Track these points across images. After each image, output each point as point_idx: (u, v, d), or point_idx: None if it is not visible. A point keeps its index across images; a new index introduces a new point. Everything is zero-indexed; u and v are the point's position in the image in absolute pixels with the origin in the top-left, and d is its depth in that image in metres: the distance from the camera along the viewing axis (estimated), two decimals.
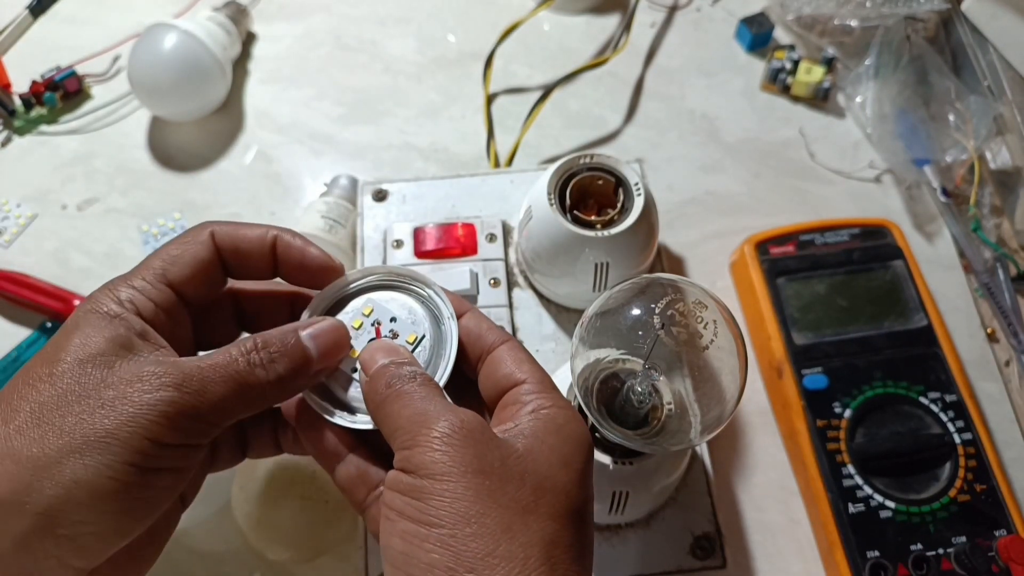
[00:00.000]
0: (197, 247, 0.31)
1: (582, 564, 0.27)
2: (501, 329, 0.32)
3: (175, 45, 0.61)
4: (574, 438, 0.29)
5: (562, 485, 0.27)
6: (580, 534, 0.27)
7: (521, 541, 0.25)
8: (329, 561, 0.48)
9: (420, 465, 0.26)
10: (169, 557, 0.49)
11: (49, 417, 0.25)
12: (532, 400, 0.29)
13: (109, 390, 0.26)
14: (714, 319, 0.35)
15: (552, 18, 0.72)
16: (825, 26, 0.67)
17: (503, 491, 0.26)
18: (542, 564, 0.25)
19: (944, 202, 0.59)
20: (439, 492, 0.26)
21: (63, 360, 0.26)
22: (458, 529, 0.25)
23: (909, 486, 0.47)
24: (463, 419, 0.27)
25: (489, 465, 0.26)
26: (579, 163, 0.47)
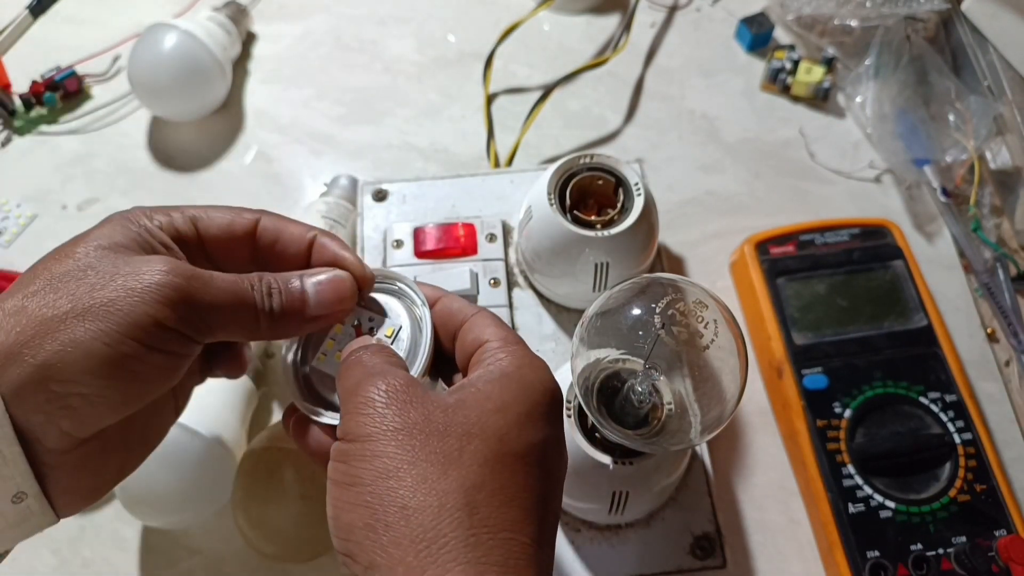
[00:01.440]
0: (239, 219, 0.32)
1: (520, 509, 0.26)
2: (473, 305, 0.33)
3: (175, 45, 0.61)
4: (520, 383, 0.28)
5: (494, 430, 0.27)
6: (519, 479, 0.26)
7: (437, 490, 0.25)
8: (329, 561, 0.48)
9: (349, 430, 0.27)
10: (169, 557, 0.49)
11: (62, 285, 0.27)
12: (489, 356, 0.30)
13: (122, 268, 0.28)
14: (714, 319, 0.35)
15: (552, 18, 0.72)
16: (825, 26, 0.67)
17: (425, 445, 0.26)
18: (459, 510, 0.25)
19: (944, 202, 0.59)
20: (360, 452, 0.26)
21: (87, 243, 0.28)
22: (376, 486, 0.25)
23: (909, 486, 0.47)
24: (389, 382, 0.28)
25: (412, 423, 0.26)
26: (579, 163, 0.47)
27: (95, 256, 0.28)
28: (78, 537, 0.50)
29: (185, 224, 0.31)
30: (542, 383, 0.29)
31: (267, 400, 0.54)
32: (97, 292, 0.27)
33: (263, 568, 0.49)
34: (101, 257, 0.28)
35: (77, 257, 0.28)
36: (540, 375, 0.29)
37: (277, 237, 0.32)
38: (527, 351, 0.30)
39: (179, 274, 0.28)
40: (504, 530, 0.25)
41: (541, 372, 0.29)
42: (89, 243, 0.28)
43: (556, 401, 0.29)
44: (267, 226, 0.32)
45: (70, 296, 0.27)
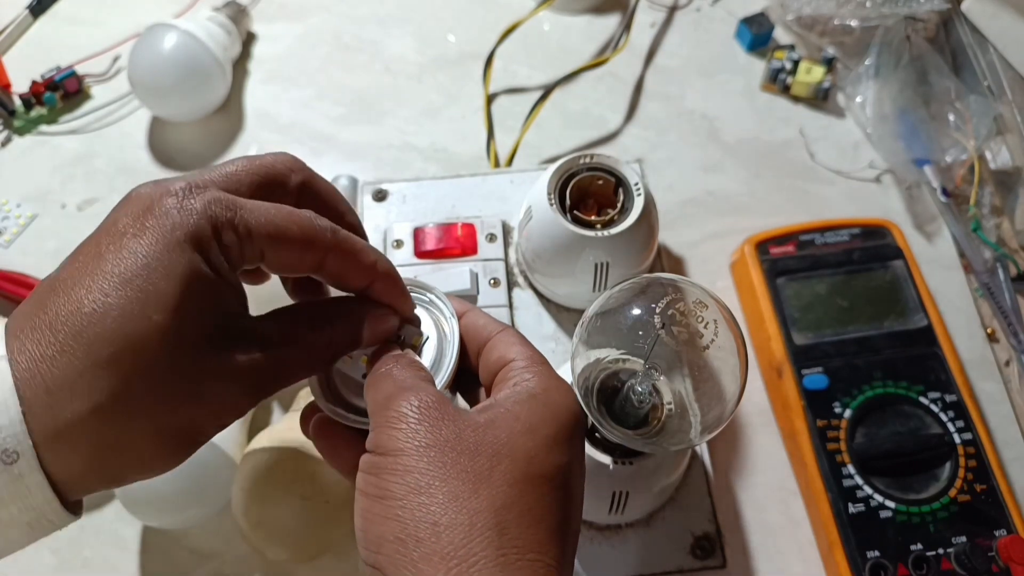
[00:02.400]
0: (309, 252, 0.29)
1: (546, 530, 0.26)
2: (500, 322, 0.33)
3: (175, 45, 0.61)
4: (549, 406, 0.29)
5: (523, 451, 0.27)
6: (545, 501, 0.27)
7: (468, 508, 0.25)
8: (329, 561, 0.48)
9: (379, 444, 0.27)
10: (169, 557, 0.49)
11: None
12: (516, 375, 0.30)
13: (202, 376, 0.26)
14: (714, 319, 0.35)
15: (552, 18, 0.72)
16: (825, 26, 0.67)
17: (456, 463, 0.26)
18: (489, 529, 0.25)
19: (944, 202, 0.59)
20: (392, 466, 0.26)
21: (159, 331, 0.25)
22: (407, 500, 0.26)
23: (909, 486, 0.47)
24: (422, 398, 0.28)
25: (443, 439, 0.27)
26: (579, 163, 0.47)
27: (166, 349, 0.25)
28: (78, 537, 0.50)
29: (254, 254, 0.28)
30: (568, 406, 0.29)
31: (267, 400, 0.54)
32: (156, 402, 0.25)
33: (263, 568, 0.49)
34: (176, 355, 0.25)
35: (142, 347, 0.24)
36: (566, 398, 0.30)
37: (343, 267, 0.30)
38: (552, 372, 0.31)
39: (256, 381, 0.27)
40: (531, 551, 0.26)
41: (567, 395, 0.30)
42: (158, 322, 0.24)
43: (580, 424, 0.30)
44: (339, 256, 0.29)
45: None
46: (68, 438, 0.24)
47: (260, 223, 0.27)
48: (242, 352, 0.27)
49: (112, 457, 0.25)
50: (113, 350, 0.24)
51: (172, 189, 0.26)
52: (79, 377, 0.24)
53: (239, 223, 0.26)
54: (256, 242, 0.27)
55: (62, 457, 0.25)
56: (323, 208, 0.31)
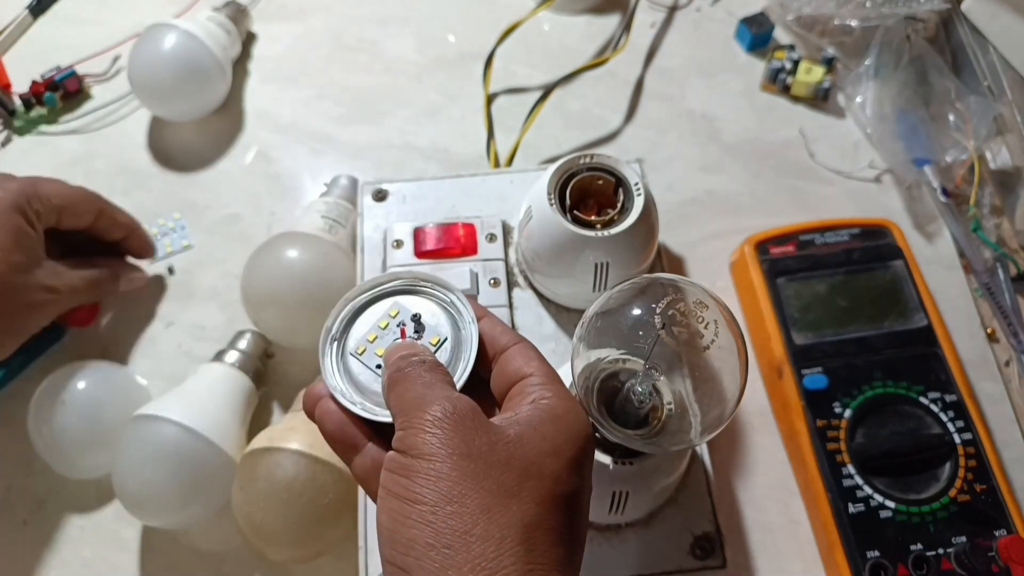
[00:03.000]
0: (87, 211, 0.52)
1: (567, 549, 0.27)
2: (515, 332, 0.34)
3: (175, 45, 0.61)
4: (571, 428, 0.29)
5: (550, 472, 0.28)
6: (567, 520, 0.28)
7: (499, 522, 0.26)
8: (329, 561, 0.48)
9: (412, 446, 0.28)
10: (169, 557, 0.49)
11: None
12: (535, 391, 0.30)
13: None
14: (715, 319, 0.35)
15: (552, 18, 0.72)
16: (825, 26, 0.67)
17: (487, 475, 0.27)
18: (519, 544, 0.26)
19: (944, 202, 0.59)
20: (425, 471, 0.27)
21: None
22: (439, 508, 0.26)
23: (909, 486, 0.47)
24: (456, 405, 0.29)
25: (476, 449, 0.27)
26: (579, 163, 0.47)
27: None
28: (78, 537, 0.50)
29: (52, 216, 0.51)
30: (586, 429, 0.30)
31: (267, 400, 0.54)
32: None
33: (263, 568, 0.49)
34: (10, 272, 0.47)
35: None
36: (583, 422, 0.30)
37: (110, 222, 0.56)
38: (569, 393, 0.31)
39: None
40: (555, 570, 0.26)
41: (583, 419, 0.31)
42: None
43: (593, 447, 0.31)
44: (107, 215, 0.55)
45: None
46: None
47: (53, 191, 0.49)
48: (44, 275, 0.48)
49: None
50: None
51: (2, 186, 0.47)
52: None
53: (41, 194, 0.48)
54: (52, 205, 0.48)
55: None
56: None
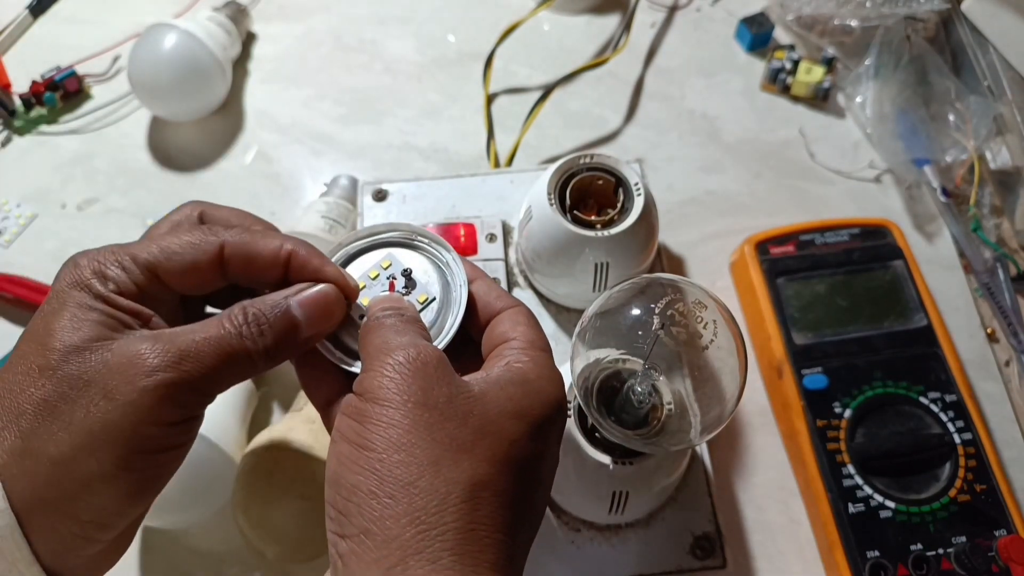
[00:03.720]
0: (200, 254, 0.29)
1: (515, 513, 0.26)
2: (511, 297, 0.33)
3: (175, 45, 0.61)
4: (540, 393, 0.29)
5: (509, 433, 0.27)
6: (520, 485, 0.27)
7: (446, 477, 0.25)
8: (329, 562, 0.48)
9: (368, 389, 0.27)
10: (169, 557, 0.49)
11: (56, 414, 0.26)
12: (511, 354, 0.30)
13: (109, 377, 0.26)
14: (714, 319, 0.35)
15: (552, 18, 0.72)
16: (825, 26, 0.67)
17: (441, 427, 0.26)
18: (464, 502, 0.25)
19: (944, 202, 0.59)
20: (378, 416, 0.26)
21: (55, 348, 0.26)
22: (387, 455, 0.26)
23: (909, 486, 0.47)
24: (421, 352, 0.28)
25: (434, 399, 0.27)
26: (579, 163, 0.47)
27: (72, 366, 0.26)
28: None
29: (145, 278, 0.29)
30: (556, 397, 0.29)
31: (267, 400, 0.54)
32: (95, 416, 0.25)
33: (263, 568, 0.49)
34: (78, 365, 0.26)
35: (53, 372, 0.26)
36: (556, 388, 0.30)
37: (248, 260, 0.30)
38: (548, 360, 0.30)
39: (168, 366, 0.26)
40: (499, 532, 0.26)
41: (557, 385, 0.30)
42: (57, 347, 0.26)
43: (563, 416, 0.30)
44: (235, 251, 0.29)
45: (68, 427, 0.25)
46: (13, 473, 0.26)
47: (142, 249, 0.29)
48: (147, 341, 0.27)
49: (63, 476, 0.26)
50: (16, 388, 0.26)
51: (70, 258, 0.29)
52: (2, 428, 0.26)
53: (122, 257, 0.28)
54: (141, 265, 0.28)
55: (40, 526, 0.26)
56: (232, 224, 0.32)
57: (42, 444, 0.25)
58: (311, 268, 0.30)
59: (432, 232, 0.34)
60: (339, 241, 0.34)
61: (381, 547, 0.24)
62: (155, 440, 0.27)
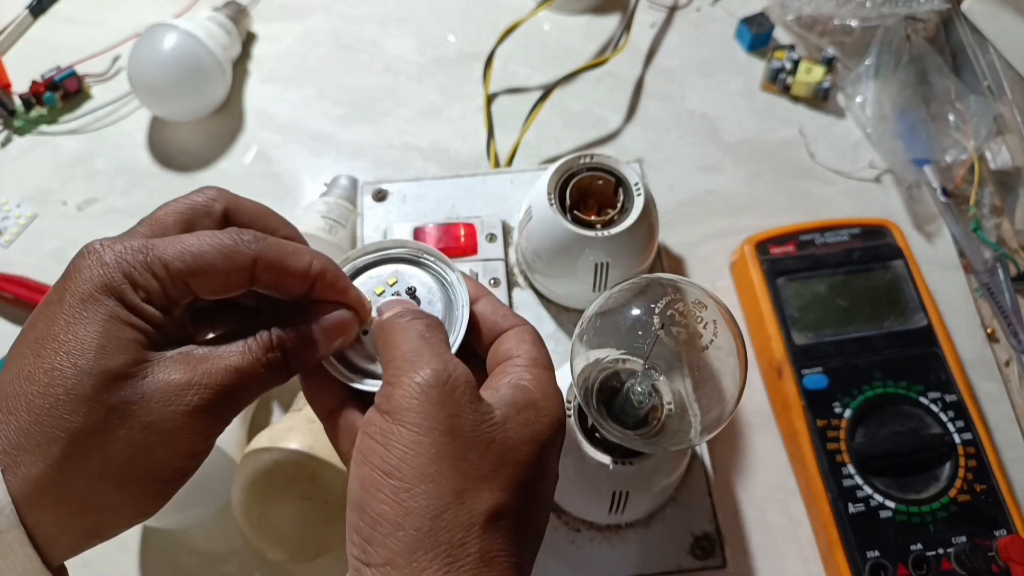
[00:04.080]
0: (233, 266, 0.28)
1: (527, 532, 0.27)
2: (517, 316, 0.33)
3: (175, 45, 0.61)
4: (547, 415, 0.29)
5: (524, 459, 0.28)
6: (529, 506, 0.28)
7: (469, 508, 0.26)
8: (329, 561, 0.48)
9: (396, 409, 0.27)
10: (169, 557, 0.49)
11: (91, 445, 0.25)
12: (516, 372, 0.30)
13: (147, 412, 0.25)
14: (714, 319, 0.35)
15: (552, 18, 0.72)
16: (825, 26, 0.67)
17: (465, 456, 0.26)
18: (484, 532, 0.26)
19: (944, 202, 0.59)
20: (404, 442, 0.26)
21: (91, 374, 0.25)
22: (413, 485, 0.26)
23: (909, 486, 0.47)
24: (450, 371, 0.27)
25: (460, 428, 0.27)
26: (579, 163, 0.47)
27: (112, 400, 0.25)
28: None
29: (175, 289, 0.27)
30: (559, 418, 0.30)
31: (267, 400, 0.54)
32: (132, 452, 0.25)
33: (263, 568, 0.49)
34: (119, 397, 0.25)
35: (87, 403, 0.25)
36: (558, 408, 0.30)
37: (279, 275, 0.29)
38: (551, 379, 0.30)
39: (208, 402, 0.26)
40: (515, 555, 0.26)
41: (559, 404, 0.30)
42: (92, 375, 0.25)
43: (564, 435, 0.31)
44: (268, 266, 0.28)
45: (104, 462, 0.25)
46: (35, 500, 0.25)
47: (174, 253, 0.27)
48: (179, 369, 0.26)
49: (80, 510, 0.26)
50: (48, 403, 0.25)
51: (90, 249, 0.27)
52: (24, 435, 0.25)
53: (152, 261, 0.27)
54: (174, 272, 0.27)
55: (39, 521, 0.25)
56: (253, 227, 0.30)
57: (72, 478, 0.25)
58: (337, 290, 0.30)
59: (438, 251, 0.35)
60: (347, 255, 0.34)
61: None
62: (181, 470, 0.27)
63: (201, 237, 0.28)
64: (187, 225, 0.29)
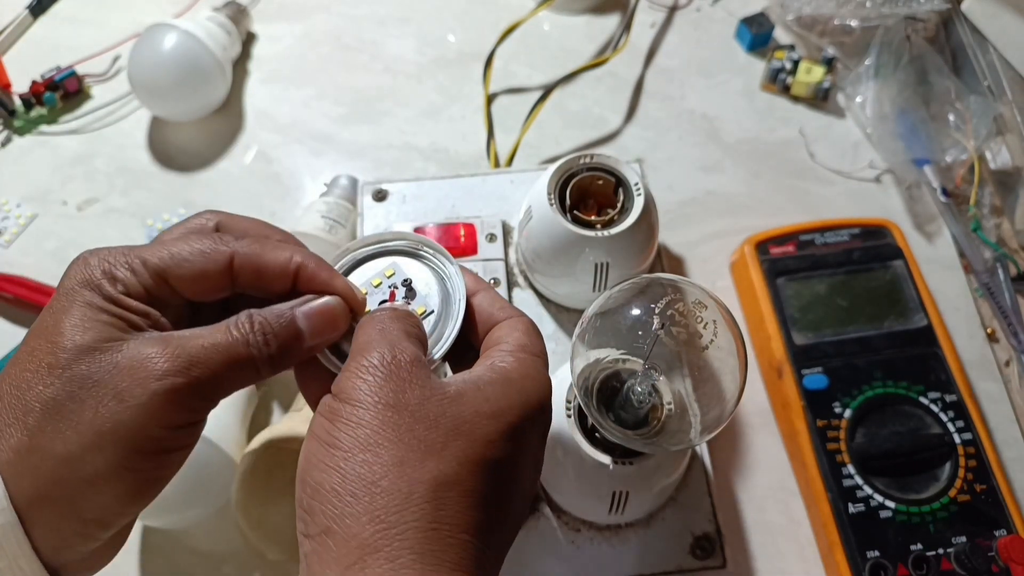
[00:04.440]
0: (209, 263, 0.29)
1: (485, 515, 0.26)
2: (513, 308, 0.33)
3: (175, 45, 0.61)
4: (520, 394, 0.28)
5: (483, 434, 0.27)
6: (492, 486, 0.27)
7: (409, 476, 0.25)
8: None
9: (343, 390, 0.27)
10: (169, 557, 0.49)
11: (64, 412, 0.26)
12: (498, 355, 0.30)
13: (119, 379, 0.26)
14: (714, 319, 0.35)
15: (552, 18, 0.72)
16: (825, 26, 0.67)
17: (410, 429, 0.26)
18: (427, 501, 0.25)
19: (944, 202, 0.59)
20: (347, 416, 0.26)
21: (65, 347, 0.26)
22: (353, 454, 0.25)
23: (909, 486, 0.47)
24: (396, 353, 0.28)
25: (404, 402, 0.26)
26: (579, 163, 0.47)
27: (81, 366, 0.26)
28: None
29: (154, 282, 0.28)
30: (540, 398, 0.29)
31: (267, 400, 0.54)
32: (103, 416, 0.26)
33: (263, 568, 0.49)
34: (87, 365, 0.26)
35: (61, 372, 0.26)
36: (538, 390, 0.29)
37: (257, 271, 0.30)
38: (536, 363, 0.30)
39: (176, 371, 0.26)
40: (464, 532, 0.25)
41: (540, 387, 0.29)
42: (65, 347, 0.26)
43: (546, 418, 0.30)
44: (245, 262, 0.29)
45: (76, 426, 0.26)
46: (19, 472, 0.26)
47: (152, 253, 0.29)
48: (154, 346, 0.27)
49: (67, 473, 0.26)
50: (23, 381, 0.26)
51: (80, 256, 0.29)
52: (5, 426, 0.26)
53: (131, 259, 0.28)
54: (152, 269, 0.28)
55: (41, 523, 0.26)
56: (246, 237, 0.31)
57: (48, 442, 0.26)
58: (319, 281, 0.30)
59: (437, 244, 0.34)
60: (346, 246, 0.34)
61: (341, 545, 0.24)
62: (160, 442, 0.27)
63: (182, 239, 0.29)
64: None
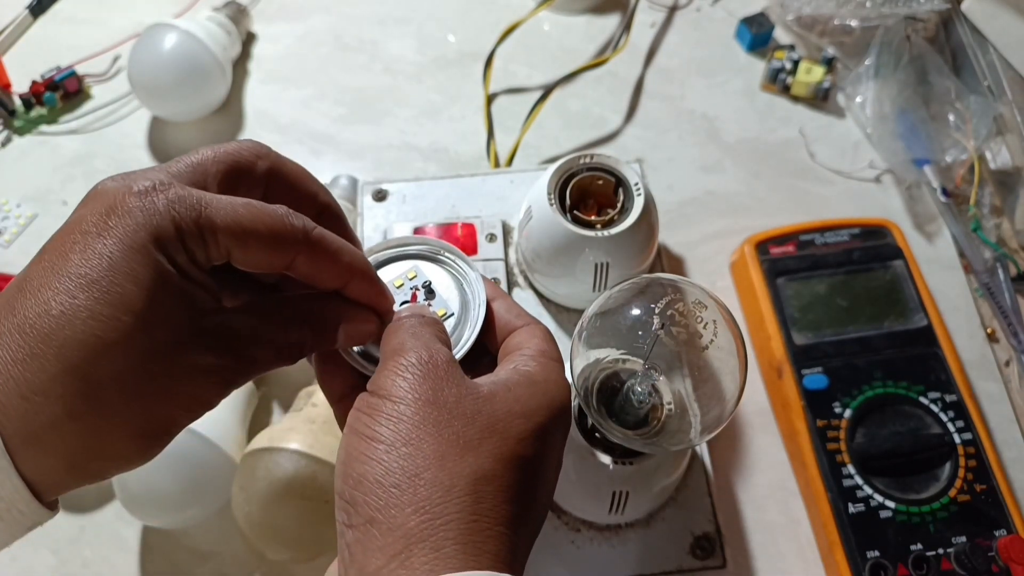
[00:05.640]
0: (279, 251, 0.28)
1: (518, 509, 0.27)
2: (529, 316, 0.33)
3: (175, 45, 0.61)
4: (546, 396, 0.29)
5: (516, 432, 0.28)
6: (524, 482, 0.28)
7: (450, 470, 0.26)
8: (329, 561, 0.48)
9: (381, 386, 0.28)
10: (169, 557, 0.49)
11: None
12: (521, 359, 0.31)
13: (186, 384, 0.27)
14: (714, 319, 0.35)
15: (552, 18, 0.72)
16: (825, 26, 0.67)
17: (449, 424, 0.27)
18: (467, 494, 0.26)
19: (944, 202, 0.59)
20: (388, 412, 0.27)
21: (142, 327, 0.24)
22: (394, 448, 0.26)
23: (909, 486, 0.47)
24: (432, 354, 0.29)
25: (443, 399, 0.27)
26: (579, 163, 0.47)
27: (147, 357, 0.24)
28: (78, 537, 0.50)
29: (219, 255, 0.27)
30: (562, 401, 0.30)
31: (267, 400, 0.54)
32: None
33: (263, 568, 0.49)
34: (165, 366, 0.25)
35: (141, 373, 0.25)
36: (561, 393, 0.30)
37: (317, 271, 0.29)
38: (557, 368, 0.31)
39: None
40: (501, 524, 0.26)
41: (564, 390, 0.30)
42: (139, 352, 0.24)
43: (568, 419, 0.31)
44: (311, 258, 0.28)
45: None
46: (43, 442, 0.24)
47: (225, 222, 0.26)
48: (212, 351, 0.26)
49: (88, 457, 0.25)
50: (84, 354, 0.24)
51: (135, 188, 0.26)
52: (52, 382, 0.24)
53: (204, 222, 0.26)
54: (221, 241, 0.26)
55: (37, 460, 0.24)
56: (293, 192, 0.31)
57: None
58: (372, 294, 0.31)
59: (458, 249, 0.35)
60: (369, 248, 0.35)
61: (386, 535, 0.25)
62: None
63: (252, 209, 0.27)
64: (229, 179, 0.28)
